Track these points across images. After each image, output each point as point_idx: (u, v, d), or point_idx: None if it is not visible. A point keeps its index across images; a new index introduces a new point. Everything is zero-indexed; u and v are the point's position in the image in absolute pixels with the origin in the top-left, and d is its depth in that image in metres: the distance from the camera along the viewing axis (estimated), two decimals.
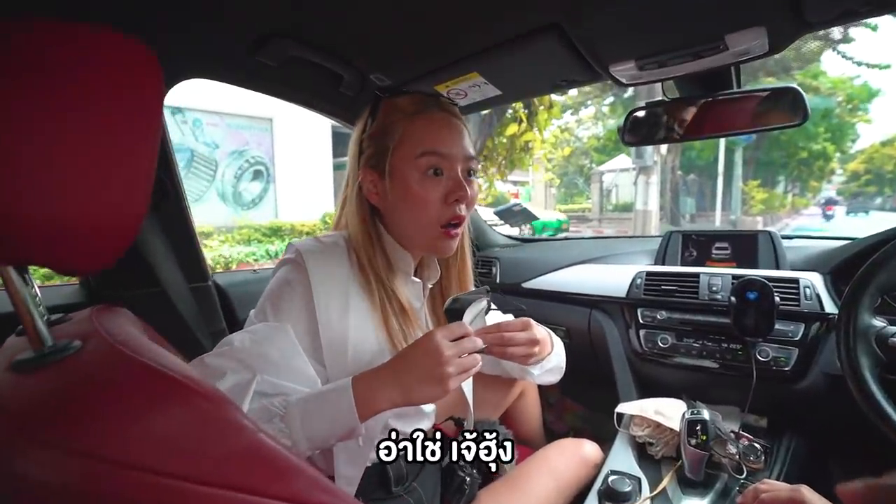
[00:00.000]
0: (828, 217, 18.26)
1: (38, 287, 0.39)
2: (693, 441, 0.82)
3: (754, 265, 1.15)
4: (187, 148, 7.47)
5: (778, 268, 1.12)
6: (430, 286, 0.82)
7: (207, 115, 7.64)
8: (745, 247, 1.18)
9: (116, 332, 0.42)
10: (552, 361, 0.87)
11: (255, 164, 8.36)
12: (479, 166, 0.77)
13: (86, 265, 0.37)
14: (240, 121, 8.02)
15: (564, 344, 1.28)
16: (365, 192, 0.74)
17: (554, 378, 0.93)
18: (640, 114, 1.07)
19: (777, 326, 0.97)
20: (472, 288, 0.86)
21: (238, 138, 8.14)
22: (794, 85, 0.92)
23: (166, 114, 0.87)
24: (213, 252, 6.24)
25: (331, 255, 0.71)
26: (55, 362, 0.36)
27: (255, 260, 6.62)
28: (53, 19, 0.32)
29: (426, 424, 0.82)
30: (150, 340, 0.43)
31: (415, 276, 0.79)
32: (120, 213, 0.36)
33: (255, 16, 0.78)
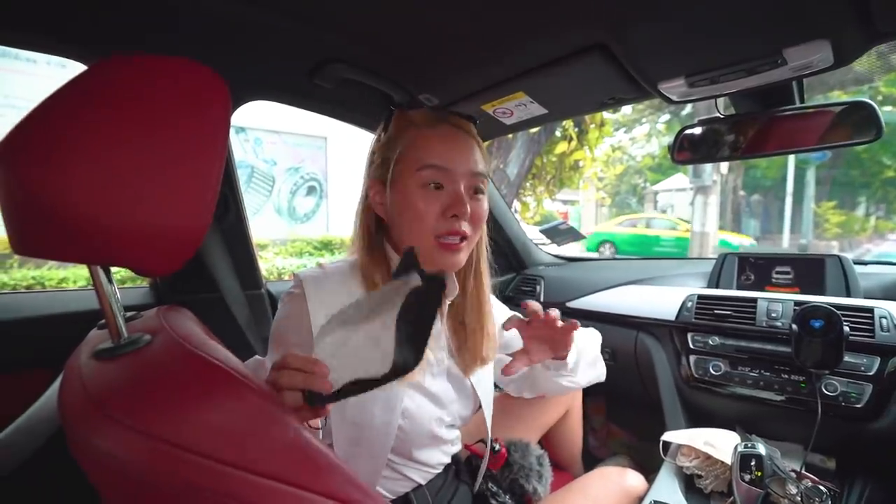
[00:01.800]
0: None
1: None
2: (747, 477, 0.76)
3: (821, 292, 1.07)
4: (248, 164, 7.98)
5: (849, 295, 1.03)
6: (447, 302, 0.80)
7: (267, 134, 8.13)
8: (810, 272, 1.10)
9: (180, 329, 0.46)
10: (587, 353, 0.84)
11: (310, 181, 8.78)
12: (486, 183, 0.75)
13: (157, 267, 0.41)
14: (297, 139, 8.48)
15: (609, 367, 1.23)
16: (371, 202, 0.74)
17: (596, 373, 0.88)
18: (693, 131, 1.04)
19: (847, 359, 0.89)
20: (489, 305, 0.82)
21: (294, 155, 8.60)
22: (867, 99, 0.86)
23: (231, 133, 0.95)
24: (268, 263, 6.57)
25: (333, 280, 0.70)
26: (129, 353, 0.41)
27: None
28: (138, 55, 0.37)
29: (452, 450, 0.81)
30: (209, 338, 0.47)
31: None
32: (188, 222, 0.40)
33: (313, 43, 0.84)
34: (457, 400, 0.78)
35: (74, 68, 0.77)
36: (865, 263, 1.17)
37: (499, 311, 0.91)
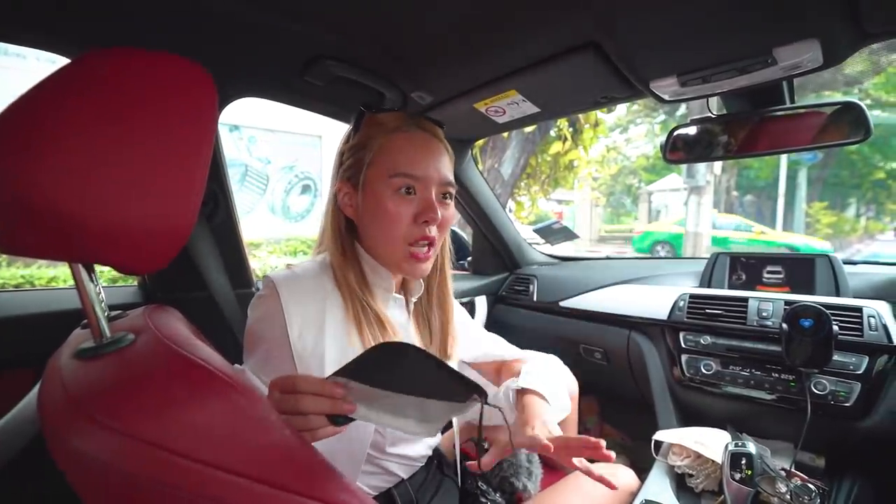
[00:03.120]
0: None
1: (102, 287, 0.43)
2: (737, 476, 0.77)
3: (810, 291, 1.07)
4: (242, 163, 7.91)
5: (838, 294, 1.04)
6: (413, 300, 0.81)
7: (262, 133, 8.08)
8: (801, 271, 1.11)
9: (165, 328, 0.45)
10: (559, 398, 0.80)
11: (304, 179, 8.74)
12: (455, 191, 0.75)
13: (141, 266, 0.40)
14: (291, 137, 8.44)
15: (601, 366, 1.23)
16: (340, 203, 0.74)
17: (560, 407, 0.83)
18: (685, 131, 1.04)
19: (836, 358, 0.90)
20: (451, 302, 0.84)
21: (289, 154, 8.55)
22: (856, 100, 0.87)
23: (224, 131, 0.94)
24: (261, 262, 6.53)
25: (304, 280, 0.70)
26: (111, 352, 0.40)
27: None
28: (123, 48, 0.37)
29: (432, 442, 0.80)
30: (194, 337, 0.46)
31: (399, 292, 0.78)
32: (173, 220, 0.39)
33: (304, 40, 0.83)
34: None
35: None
36: (855, 263, 1.18)
37: (458, 311, 0.92)
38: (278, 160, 8.45)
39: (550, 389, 0.79)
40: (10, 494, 0.76)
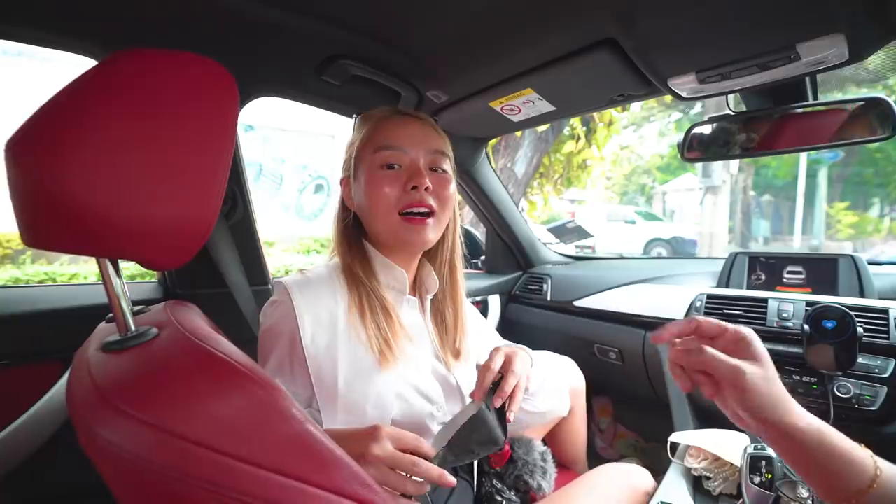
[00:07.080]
0: None
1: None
2: (757, 479, 0.75)
3: (833, 292, 1.05)
4: (257, 162, 8.02)
5: (863, 296, 1.01)
6: (429, 297, 0.82)
7: (276, 132, 8.18)
8: (823, 272, 1.08)
9: (187, 322, 0.46)
10: (552, 380, 0.85)
11: (317, 178, 8.81)
12: (448, 164, 0.76)
13: (165, 261, 0.41)
14: (305, 137, 8.52)
15: (616, 367, 1.22)
16: (344, 198, 0.78)
17: (559, 405, 0.89)
18: (703, 129, 1.03)
19: (860, 361, 0.87)
20: (462, 298, 0.85)
21: (302, 154, 8.64)
22: (882, 95, 0.84)
23: (240, 130, 0.96)
24: (276, 260, 6.61)
25: (316, 285, 0.72)
26: (136, 345, 0.41)
27: None
28: (148, 50, 0.37)
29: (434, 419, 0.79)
30: (214, 331, 0.47)
31: (413, 293, 0.79)
32: (196, 217, 0.40)
33: (321, 40, 0.84)
34: (444, 397, 0.79)
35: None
36: (880, 264, 1.15)
37: (473, 314, 0.93)
38: (292, 159, 8.53)
39: (536, 364, 0.81)
40: (41, 479, 0.78)
